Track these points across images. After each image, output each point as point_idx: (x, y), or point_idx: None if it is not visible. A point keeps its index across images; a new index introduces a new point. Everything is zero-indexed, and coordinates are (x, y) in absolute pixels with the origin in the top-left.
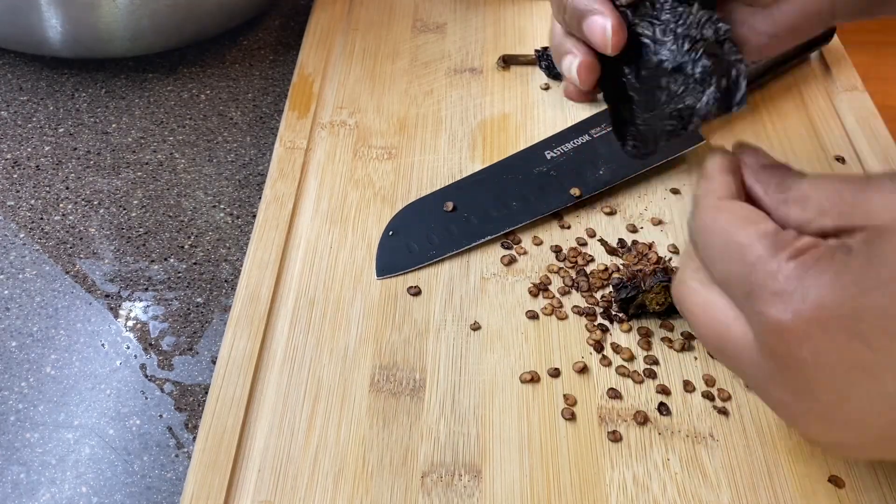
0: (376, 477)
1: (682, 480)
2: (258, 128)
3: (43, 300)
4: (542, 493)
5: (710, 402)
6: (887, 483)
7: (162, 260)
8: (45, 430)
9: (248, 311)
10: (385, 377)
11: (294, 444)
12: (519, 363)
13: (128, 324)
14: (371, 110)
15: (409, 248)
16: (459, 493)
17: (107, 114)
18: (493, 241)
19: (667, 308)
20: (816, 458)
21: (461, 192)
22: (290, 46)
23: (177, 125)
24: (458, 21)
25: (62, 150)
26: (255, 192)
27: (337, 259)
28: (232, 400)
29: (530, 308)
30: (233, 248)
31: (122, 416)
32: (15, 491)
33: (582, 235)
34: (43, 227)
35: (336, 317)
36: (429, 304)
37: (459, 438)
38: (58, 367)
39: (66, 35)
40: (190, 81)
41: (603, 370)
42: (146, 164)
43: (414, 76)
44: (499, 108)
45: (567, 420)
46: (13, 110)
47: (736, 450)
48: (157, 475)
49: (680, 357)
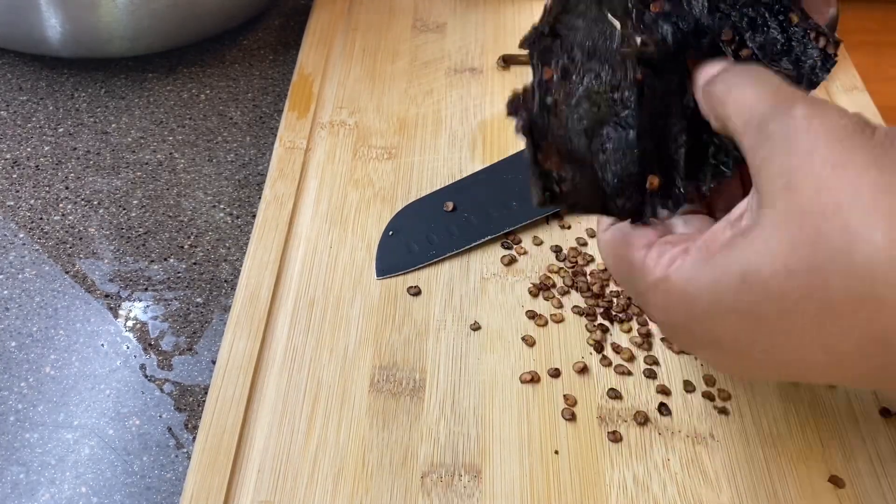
0: (376, 477)
1: (683, 480)
2: (258, 128)
3: (42, 300)
4: (542, 493)
5: (710, 402)
6: (887, 483)
7: (162, 260)
8: (45, 431)
9: (248, 311)
10: (385, 377)
11: (294, 444)
12: (519, 363)
13: (127, 324)
14: (371, 110)
15: (409, 249)
16: (459, 493)
17: (106, 113)
18: (493, 241)
19: None
20: (816, 458)
21: (461, 192)
22: (290, 46)
23: (176, 125)
24: (457, 21)
25: (62, 149)
26: (255, 192)
27: (337, 259)
28: (232, 400)
29: (530, 308)
30: (233, 248)
31: (122, 416)
32: (15, 491)
33: (582, 235)
34: (43, 227)
35: (336, 317)
36: (429, 305)
37: (459, 438)
38: (57, 368)
39: (66, 35)
40: (190, 81)
41: (603, 370)
42: (146, 164)
43: (414, 76)
44: (499, 108)
45: (567, 420)
46: (13, 110)
47: (736, 450)
48: (156, 475)
49: (680, 357)
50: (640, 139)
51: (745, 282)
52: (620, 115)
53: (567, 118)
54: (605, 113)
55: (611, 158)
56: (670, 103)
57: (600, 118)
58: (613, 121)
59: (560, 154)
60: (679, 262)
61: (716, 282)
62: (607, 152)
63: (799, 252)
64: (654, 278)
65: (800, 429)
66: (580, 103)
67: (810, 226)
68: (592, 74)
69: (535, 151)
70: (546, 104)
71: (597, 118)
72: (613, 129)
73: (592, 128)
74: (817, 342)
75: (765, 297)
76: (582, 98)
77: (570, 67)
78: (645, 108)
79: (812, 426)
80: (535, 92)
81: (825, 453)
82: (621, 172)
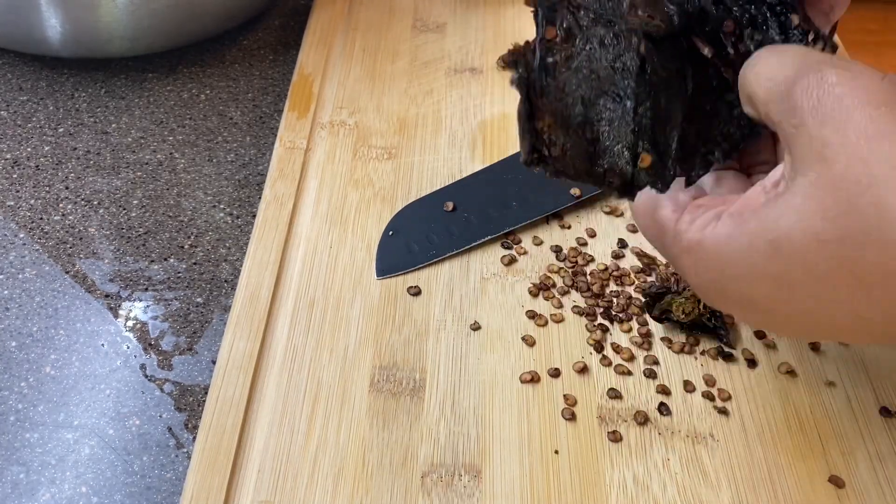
0: (376, 477)
1: (683, 480)
2: (258, 128)
3: (43, 300)
4: (542, 493)
5: (710, 402)
6: (887, 483)
7: (162, 260)
8: (45, 430)
9: (248, 311)
10: (385, 377)
11: (294, 444)
12: (519, 363)
13: (127, 324)
14: (371, 110)
15: (409, 249)
16: (459, 493)
17: (106, 113)
18: (493, 241)
19: (692, 321)
20: (816, 458)
21: (461, 192)
22: (290, 46)
23: (177, 125)
24: (457, 21)
25: (62, 149)
26: (255, 192)
27: (337, 259)
28: (232, 400)
29: (530, 308)
30: (233, 248)
31: (122, 416)
32: (15, 491)
33: (582, 235)
34: (43, 227)
35: (336, 317)
36: (429, 305)
37: (459, 438)
38: (57, 367)
39: (66, 35)
40: (190, 81)
41: (603, 370)
42: (146, 164)
43: (414, 76)
44: (499, 108)
45: (567, 420)
46: (13, 110)
47: (736, 450)
48: (156, 475)
49: (680, 357)
50: (636, 113)
51: (777, 249)
52: (619, 85)
53: (565, 82)
54: (605, 82)
55: (606, 129)
56: (669, 86)
57: (599, 87)
58: (612, 90)
59: (553, 116)
60: (712, 226)
61: (749, 247)
62: (602, 122)
63: (831, 223)
64: (687, 242)
65: (800, 429)
66: (580, 68)
67: (843, 198)
68: (596, 40)
69: (529, 108)
70: (546, 64)
71: (596, 86)
72: (611, 100)
73: (590, 96)
74: (846, 308)
75: (795, 265)
76: (583, 63)
77: (575, 30)
78: (644, 83)
79: (812, 426)
80: (537, 49)
81: (825, 453)
82: (614, 145)
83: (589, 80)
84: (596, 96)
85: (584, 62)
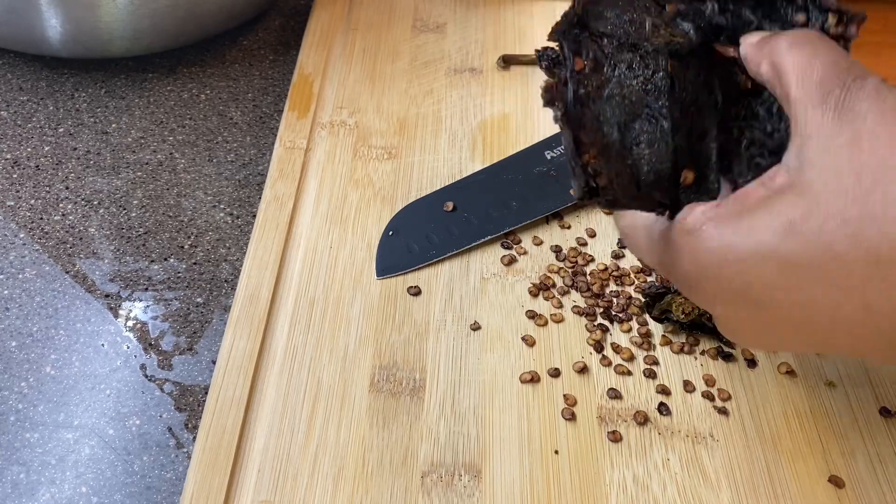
0: (376, 477)
1: (682, 480)
2: (258, 128)
3: (43, 300)
4: (542, 493)
5: (710, 402)
6: (887, 483)
7: (162, 260)
8: (45, 430)
9: (248, 311)
10: (385, 377)
11: (294, 444)
12: (519, 363)
13: (128, 324)
14: (371, 110)
15: (409, 248)
16: (459, 493)
17: (106, 114)
18: (493, 241)
19: (691, 321)
20: (816, 458)
21: (461, 192)
22: (290, 46)
23: (177, 125)
24: (458, 21)
25: (62, 150)
26: (255, 192)
27: (337, 259)
28: (232, 400)
29: (530, 308)
30: (233, 248)
31: (122, 416)
32: (15, 491)
33: (582, 235)
34: (43, 227)
35: (336, 317)
36: (429, 304)
37: (459, 438)
38: (58, 367)
39: (66, 35)
40: (190, 81)
41: (603, 370)
42: (146, 164)
43: (414, 76)
44: (499, 108)
45: (567, 420)
46: (13, 110)
47: (736, 450)
48: (156, 475)
49: (680, 357)
50: (673, 131)
51: (791, 229)
52: (653, 106)
53: (600, 111)
54: (638, 105)
55: (645, 152)
56: (700, 98)
57: (633, 110)
58: (646, 113)
59: (596, 147)
60: (713, 210)
61: (757, 229)
62: (641, 145)
63: (855, 203)
64: (689, 224)
65: (800, 429)
66: (613, 95)
67: (869, 177)
68: (624, 65)
69: (576, 143)
70: (579, 96)
71: (630, 110)
72: (647, 122)
73: (626, 121)
74: (857, 296)
75: (811, 244)
76: (615, 90)
77: (602, 58)
78: (677, 101)
79: (812, 426)
80: (569, 83)
81: (825, 453)
82: (656, 166)
83: (622, 105)
84: (631, 120)
85: (615, 88)
